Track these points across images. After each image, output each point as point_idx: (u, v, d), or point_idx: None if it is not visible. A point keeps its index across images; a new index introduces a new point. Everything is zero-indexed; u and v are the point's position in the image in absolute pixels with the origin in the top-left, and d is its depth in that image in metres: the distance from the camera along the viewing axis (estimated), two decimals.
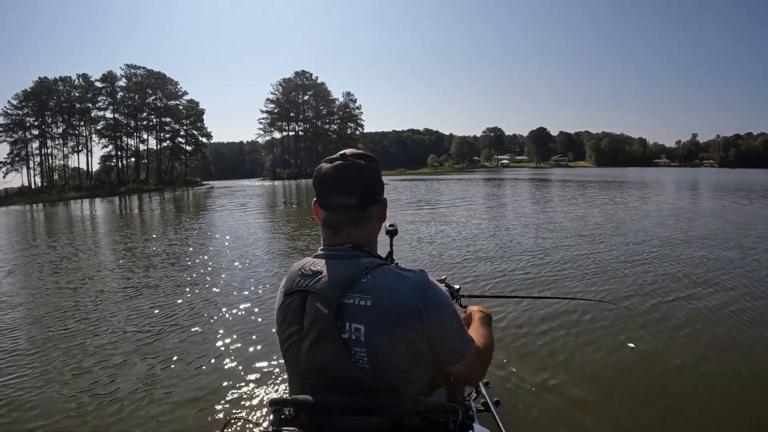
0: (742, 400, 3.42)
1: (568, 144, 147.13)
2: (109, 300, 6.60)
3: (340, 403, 1.14)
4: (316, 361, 1.18)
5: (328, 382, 1.18)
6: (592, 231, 11.35)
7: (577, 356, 4.17)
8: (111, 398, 3.67)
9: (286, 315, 1.25)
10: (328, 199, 1.27)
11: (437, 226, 13.03)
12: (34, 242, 14.58)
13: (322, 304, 1.17)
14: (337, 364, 1.16)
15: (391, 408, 1.13)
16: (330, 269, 1.22)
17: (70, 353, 4.65)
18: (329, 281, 1.19)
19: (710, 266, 7.40)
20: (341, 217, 1.27)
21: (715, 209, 16.41)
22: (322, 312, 1.17)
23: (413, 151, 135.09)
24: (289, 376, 1.32)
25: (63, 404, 3.61)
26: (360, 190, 1.26)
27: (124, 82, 69.93)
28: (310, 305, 1.20)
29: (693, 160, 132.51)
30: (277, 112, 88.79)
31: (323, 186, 1.28)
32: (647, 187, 31.65)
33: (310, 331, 1.19)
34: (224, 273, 8.06)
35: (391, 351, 1.17)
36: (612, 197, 22.46)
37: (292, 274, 1.28)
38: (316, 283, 1.20)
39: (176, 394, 3.69)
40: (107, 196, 48.57)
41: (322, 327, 1.17)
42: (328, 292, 1.18)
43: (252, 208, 23.52)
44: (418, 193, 28.64)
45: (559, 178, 47.36)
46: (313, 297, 1.20)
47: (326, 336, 1.16)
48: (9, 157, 63.44)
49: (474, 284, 6.51)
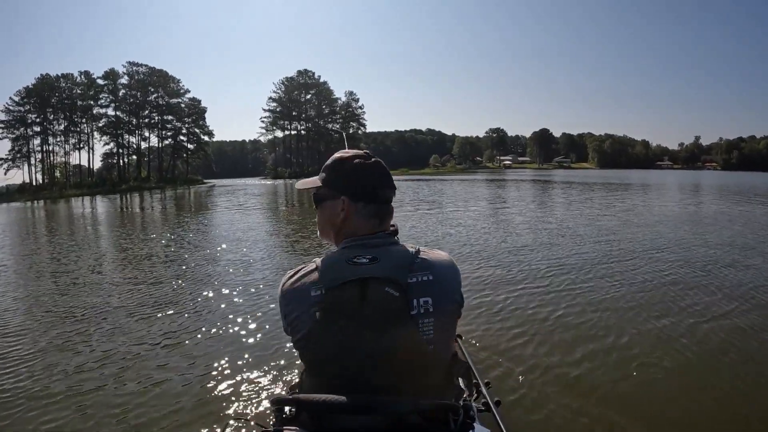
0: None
1: (570, 145, 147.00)
2: (109, 300, 6.47)
3: (342, 403, 1.14)
4: (383, 344, 1.20)
5: (387, 365, 1.20)
6: (607, 237, 10.80)
7: (579, 357, 4.13)
8: (110, 397, 3.62)
9: (334, 307, 1.23)
10: (384, 192, 1.39)
11: (444, 228, 12.67)
12: (34, 239, 14.37)
13: (392, 287, 1.22)
14: (406, 340, 1.21)
15: (392, 407, 1.14)
16: (386, 254, 1.29)
17: (69, 352, 4.57)
18: (394, 264, 1.26)
19: (741, 277, 6.89)
20: (388, 208, 1.40)
21: (730, 214, 15.98)
22: (393, 295, 1.22)
23: (415, 151, 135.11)
24: (318, 370, 1.29)
25: (61, 404, 3.53)
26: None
27: (126, 80, 69.99)
28: (374, 292, 1.22)
29: (695, 162, 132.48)
30: (279, 111, 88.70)
31: (383, 179, 1.39)
32: (656, 189, 31.26)
33: (374, 317, 1.21)
34: (224, 273, 7.93)
35: (450, 318, 1.32)
36: (621, 200, 22.12)
37: (332, 267, 1.28)
38: (378, 269, 1.24)
39: (176, 393, 3.65)
40: (108, 193, 48.40)
41: (392, 309, 1.21)
42: (398, 275, 1.24)
43: (250, 207, 23.36)
44: (421, 194, 28.32)
45: (563, 180, 46.95)
46: (377, 283, 1.23)
47: (397, 317, 1.22)
48: (10, 154, 63.53)
49: (484, 293, 6.21)
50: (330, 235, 1.45)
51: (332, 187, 1.40)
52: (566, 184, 39.48)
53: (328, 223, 1.43)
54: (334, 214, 1.39)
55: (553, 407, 3.29)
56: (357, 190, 1.36)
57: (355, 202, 1.36)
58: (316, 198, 1.46)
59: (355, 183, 1.37)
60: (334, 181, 1.40)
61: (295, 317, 1.28)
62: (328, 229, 1.44)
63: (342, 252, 1.32)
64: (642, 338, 4.50)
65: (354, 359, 1.20)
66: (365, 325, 1.21)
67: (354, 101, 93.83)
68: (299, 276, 1.31)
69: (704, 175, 70.64)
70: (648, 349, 4.27)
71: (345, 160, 1.40)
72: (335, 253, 1.33)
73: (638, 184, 38.24)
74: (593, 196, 24.64)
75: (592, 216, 15.12)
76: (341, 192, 1.38)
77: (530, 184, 40.85)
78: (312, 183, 1.48)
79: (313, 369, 1.30)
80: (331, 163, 1.44)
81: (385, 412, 1.14)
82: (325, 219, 1.44)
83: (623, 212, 16.20)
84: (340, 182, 1.39)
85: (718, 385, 3.63)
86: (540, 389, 3.54)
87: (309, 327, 1.25)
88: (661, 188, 33.01)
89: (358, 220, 1.36)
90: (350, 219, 1.37)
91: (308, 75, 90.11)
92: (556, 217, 15.24)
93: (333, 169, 1.42)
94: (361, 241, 1.34)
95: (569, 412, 3.24)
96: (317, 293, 1.25)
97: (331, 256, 1.32)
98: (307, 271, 1.32)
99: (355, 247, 1.32)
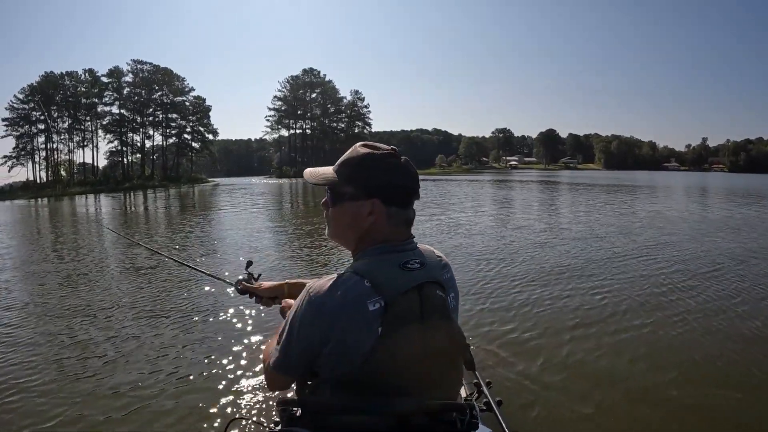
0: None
1: (576, 146, 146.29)
2: (107, 300, 6.40)
3: (341, 404, 1.14)
4: (437, 343, 1.21)
5: (439, 360, 1.22)
6: (640, 246, 9.85)
7: (580, 358, 4.14)
8: (111, 397, 3.58)
9: (398, 320, 1.15)
10: (416, 196, 1.28)
11: (459, 239, 11.50)
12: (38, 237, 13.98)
13: (440, 290, 1.24)
14: (451, 334, 1.25)
15: (398, 407, 1.12)
16: (425, 257, 1.26)
17: (67, 352, 4.54)
18: (435, 267, 1.27)
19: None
20: (414, 212, 1.30)
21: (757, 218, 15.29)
22: (441, 296, 1.24)
23: (422, 151, 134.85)
24: (371, 387, 1.14)
25: (60, 404, 3.49)
26: None
27: (131, 78, 69.58)
28: (428, 295, 1.21)
29: (703, 164, 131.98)
30: (285, 110, 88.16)
31: (416, 183, 1.28)
32: (673, 191, 30.59)
33: (429, 319, 1.20)
34: (228, 273, 7.43)
35: (458, 309, 1.35)
36: (640, 202, 21.52)
37: (388, 275, 1.17)
38: (428, 273, 1.23)
39: (179, 393, 3.62)
40: (111, 191, 48.59)
41: (442, 309, 1.23)
42: (440, 278, 1.26)
43: (260, 207, 22.96)
44: (430, 195, 27.53)
45: (572, 181, 46.19)
46: (431, 286, 1.22)
47: (447, 316, 1.24)
48: (14, 151, 63.56)
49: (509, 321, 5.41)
50: (347, 238, 1.30)
51: (358, 186, 1.23)
52: (582, 186, 38.68)
53: (350, 225, 1.26)
54: (360, 217, 1.23)
55: (555, 407, 3.32)
56: (391, 193, 1.23)
57: (387, 206, 1.22)
58: (333, 195, 1.28)
59: (389, 185, 1.23)
60: (361, 180, 1.23)
61: (349, 337, 1.13)
62: (348, 232, 1.28)
63: (386, 258, 1.21)
64: (642, 340, 4.49)
65: (415, 365, 1.16)
66: (426, 330, 1.18)
67: (359, 100, 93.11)
68: (341, 288, 1.15)
69: (715, 177, 69.52)
70: (651, 350, 4.26)
71: (377, 158, 1.23)
72: (378, 260, 1.20)
73: (659, 186, 37.45)
74: (612, 200, 23.89)
75: (623, 223, 14.32)
76: (371, 193, 1.22)
77: (541, 185, 40.00)
78: (325, 176, 1.30)
79: (361, 385, 1.13)
80: (359, 158, 1.25)
81: (392, 412, 1.11)
82: (345, 220, 1.27)
83: (650, 216, 15.54)
84: (371, 182, 1.22)
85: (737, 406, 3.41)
86: (542, 389, 3.55)
87: (372, 345, 1.12)
88: (681, 191, 32.30)
89: (390, 227, 1.23)
90: (381, 225, 1.23)
91: (314, 74, 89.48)
92: (584, 221, 14.50)
93: (360, 166, 1.24)
94: (400, 247, 1.24)
95: (571, 412, 3.25)
96: (376, 306, 1.13)
97: (377, 263, 1.20)
98: (348, 282, 1.16)
99: (398, 253, 1.22)
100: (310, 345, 1.16)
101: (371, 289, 1.13)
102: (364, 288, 1.13)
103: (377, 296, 1.13)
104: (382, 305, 1.13)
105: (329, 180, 1.28)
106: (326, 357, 1.15)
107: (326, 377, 1.17)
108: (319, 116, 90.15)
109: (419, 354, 1.16)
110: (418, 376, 1.16)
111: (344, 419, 1.11)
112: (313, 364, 1.19)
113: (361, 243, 1.26)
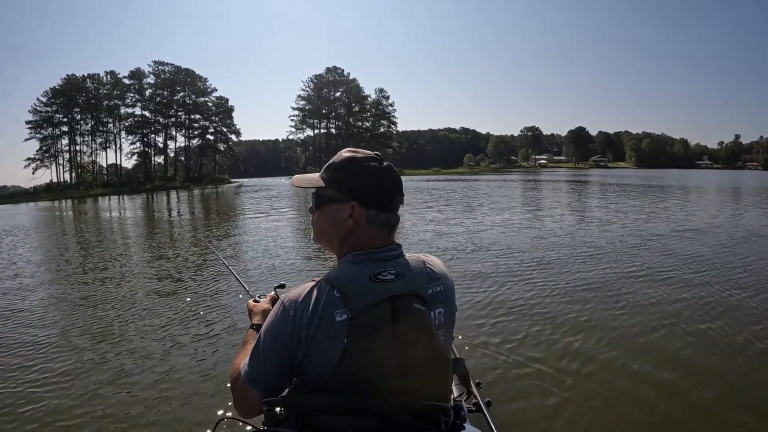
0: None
1: (607, 144, 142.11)
2: (107, 300, 6.22)
3: (329, 403, 1.13)
4: (412, 358, 1.16)
5: (416, 378, 1.17)
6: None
7: (582, 357, 3.91)
8: (102, 398, 3.47)
9: (365, 331, 1.13)
10: (399, 199, 1.27)
11: (498, 259, 8.83)
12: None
13: (419, 303, 1.19)
14: (430, 351, 1.19)
15: (382, 408, 1.12)
16: (407, 268, 1.22)
17: (66, 351, 4.38)
18: (417, 279, 1.21)
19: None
20: (398, 218, 1.28)
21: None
22: (420, 310, 1.18)
23: (449, 150, 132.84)
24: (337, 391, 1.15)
25: (55, 404, 3.38)
26: None
27: (152, 79, 69.07)
28: (404, 309, 1.16)
29: (736, 162, 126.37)
30: (309, 109, 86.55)
31: (396, 186, 1.27)
32: (724, 192, 27.05)
33: (406, 334, 1.15)
34: (221, 277, 7.14)
35: (452, 326, 1.31)
36: (693, 203, 18.55)
37: (356, 286, 1.16)
38: (405, 285, 1.18)
39: (168, 394, 3.50)
40: (133, 193, 48.17)
41: (421, 324, 1.18)
42: (422, 290, 1.20)
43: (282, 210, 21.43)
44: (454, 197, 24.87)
45: (604, 181, 42.11)
46: (407, 299, 1.17)
47: (424, 331, 1.18)
48: (38, 154, 63.61)
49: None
50: (331, 242, 1.30)
51: (340, 189, 1.25)
52: (618, 186, 35.46)
53: (332, 228, 1.27)
54: (340, 221, 1.24)
55: (545, 407, 3.18)
56: (370, 195, 1.23)
57: (366, 208, 1.22)
58: (317, 199, 1.30)
59: (368, 188, 1.23)
60: (342, 183, 1.25)
61: (318, 347, 1.14)
62: (330, 235, 1.29)
63: (358, 268, 1.19)
64: (624, 339, 4.26)
65: (385, 379, 1.13)
66: (397, 344, 1.14)
67: (384, 99, 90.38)
68: (312, 299, 1.15)
69: (750, 176, 64.10)
70: (638, 350, 4.02)
71: (357, 161, 1.25)
72: (350, 270, 1.19)
73: (710, 187, 33.93)
74: (658, 201, 21.51)
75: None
76: (351, 196, 1.23)
77: (572, 185, 35.95)
78: (312, 181, 1.32)
79: (340, 387, 1.14)
80: (340, 162, 1.27)
81: (376, 412, 1.10)
82: (328, 224, 1.28)
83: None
84: (350, 185, 1.24)
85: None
86: (533, 389, 3.39)
87: (339, 355, 1.12)
88: (730, 192, 29.25)
89: (369, 230, 1.23)
90: (360, 228, 1.23)
91: (337, 72, 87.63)
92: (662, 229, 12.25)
93: (342, 170, 1.26)
94: (376, 255, 1.22)
95: (563, 412, 3.12)
96: (342, 318, 1.13)
97: (347, 273, 1.19)
98: (318, 292, 1.16)
99: (372, 261, 1.20)
100: (284, 353, 1.16)
101: (339, 300, 1.13)
102: (334, 298, 1.13)
103: (343, 308, 1.13)
104: (348, 317, 1.12)
105: (314, 184, 1.29)
106: (300, 364, 1.16)
107: (305, 381, 1.18)
108: (344, 115, 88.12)
109: (393, 361, 1.13)
110: (398, 380, 1.14)
111: (328, 419, 1.11)
112: (290, 372, 1.19)
113: (342, 246, 1.26)
